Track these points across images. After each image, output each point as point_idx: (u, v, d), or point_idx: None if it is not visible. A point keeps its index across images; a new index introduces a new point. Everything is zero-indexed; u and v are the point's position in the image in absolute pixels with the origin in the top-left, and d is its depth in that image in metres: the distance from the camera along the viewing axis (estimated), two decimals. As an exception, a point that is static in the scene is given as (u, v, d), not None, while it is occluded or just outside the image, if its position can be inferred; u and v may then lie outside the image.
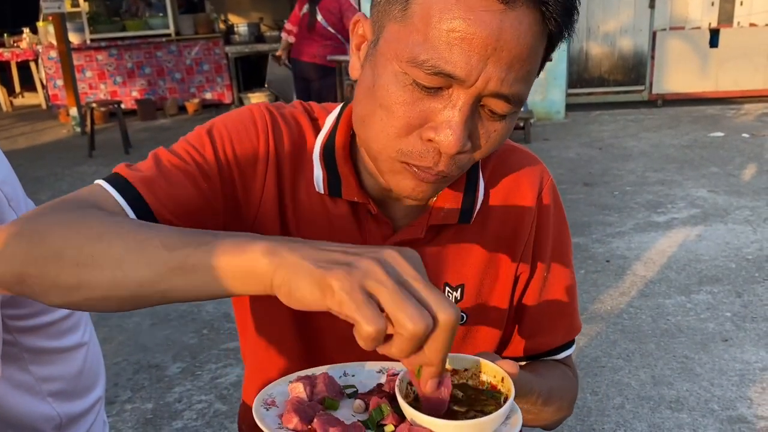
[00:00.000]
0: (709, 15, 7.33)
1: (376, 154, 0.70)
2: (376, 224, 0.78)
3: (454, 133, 0.63)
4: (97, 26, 8.09)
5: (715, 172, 4.92)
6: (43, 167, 5.91)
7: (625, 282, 3.22)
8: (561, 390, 0.84)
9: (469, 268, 0.82)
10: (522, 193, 0.82)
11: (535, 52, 0.63)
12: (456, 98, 0.63)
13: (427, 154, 0.66)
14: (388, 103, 0.65)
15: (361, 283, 0.46)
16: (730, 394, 2.32)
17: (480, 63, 0.61)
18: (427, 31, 0.61)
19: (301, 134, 0.80)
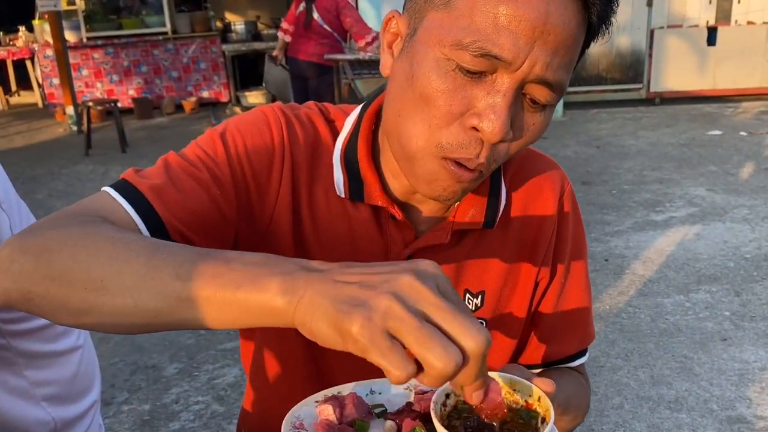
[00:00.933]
0: (707, 13, 7.32)
1: (413, 153, 0.67)
2: (398, 229, 0.76)
3: (499, 118, 0.61)
4: (93, 24, 8.06)
5: (713, 171, 4.91)
6: (40, 166, 5.89)
7: (624, 281, 3.22)
8: (577, 398, 0.84)
9: (490, 274, 0.80)
10: (543, 199, 0.81)
11: (577, 41, 0.63)
12: (500, 83, 0.62)
13: (469, 144, 0.64)
14: (429, 92, 0.63)
15: (382, 326, 0.43)
16: (729, 394, 2.32)
17: (527, 46, 0.60)
18: (473, 15, 0.60)
19: (317, 136, 0.78)
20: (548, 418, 0.55)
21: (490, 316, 0.81)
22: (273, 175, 0.75)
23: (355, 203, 0.76)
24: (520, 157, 0.82)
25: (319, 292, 0.46)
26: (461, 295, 0.79)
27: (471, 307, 0.80)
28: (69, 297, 0.54)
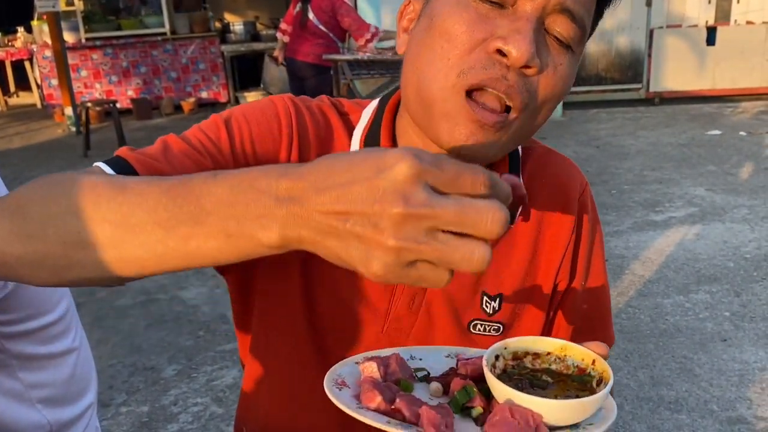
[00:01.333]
0: (706, 13, 7.32)
1: (433, 94, 0.64)
2: None
3: (525, 38, 0.59)
4: (92, 25, 8.05)
5: (712, 171, 4.91)
6: (38, 167, 5.88)
7: (624, 281, 3.21)
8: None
9: (507, 276, 0.78)
10: (564, 200, 0.79)
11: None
12: (522, 11, 0.61)
13: (492, 65, 0.61)
14: (448, 27, 0.62)
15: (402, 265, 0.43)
16: (730, 395, 2.31)
17: None
18: None
19: (328, 128, 0.75)
20: (606, 379, 0.55)
21: (507, 320, 0.78)
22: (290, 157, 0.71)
23: None
24: (537, 154, 0.80)
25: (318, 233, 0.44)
26: (479, 297, 0.77)
27: (489, 310, 0.77)
28: (46, 253, 0.51)
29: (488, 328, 0.77)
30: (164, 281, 3.43)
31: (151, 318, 3.06)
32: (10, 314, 0.97)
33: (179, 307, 3.15)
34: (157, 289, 3.36)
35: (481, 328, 0.77)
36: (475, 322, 0.77)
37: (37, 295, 1.01)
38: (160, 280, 3.45)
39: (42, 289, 1.02)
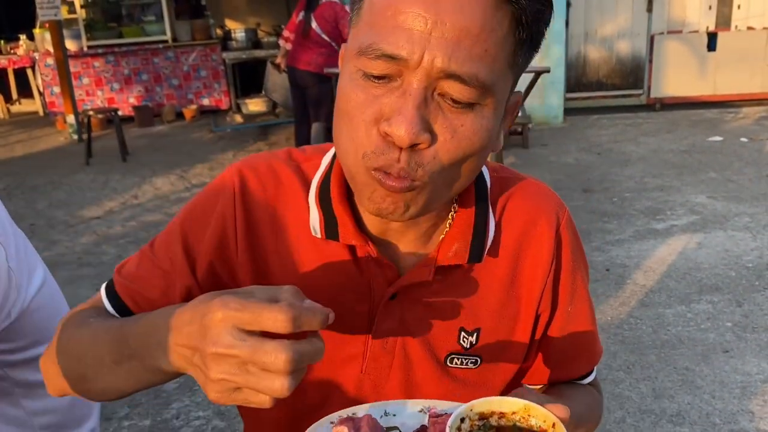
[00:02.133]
0: (707, 19, 7.33)
1: (350, 171, 0.66)
2: (379, 268, 0.74)
3: (406, 120, 0.59)
4: (93, 33, 8.07)
5: (713, 178, 4.91)
6: (41, 176, 5.89)
7: (625, 291, 3.21)
8: (589, 412, 0.84)
9: (484, 310, 0.78)
10: (539, 233, 0.78)
11: (491, 30, 0.59)
12: (407, 85, 0.60)
13: (386, 150, 0.61)
14: (348, 108, 0.63)
15: (227, 394, 0.56)
16: (732, 407, 2.31)
17: (422, 39, 0.58)
18: (371, 20, 0.61)
19: (279, 187, 0.77)
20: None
21: (486, 352, 0.79)
22: (229, 245, 0.76)
23: (331, 242, 0.74)
24: (510, 186, 0.80)
25: (184, 362, 0.60)
26: (456, 333, 0.78)
27: (466, 345, 0.78)
28: (76, 386, 0.75)
29: (465, 361, 0.78)
30: (166, 292, 3.44)
31: (153, 330, 3.06)
32: (14, 343, 0.98)
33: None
34: (159, 300, 3.36)
35: (458, 361, 0.78)
36: (452, 356, 0.78)
37: (40, 322, 1.02)
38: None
39: (45, 316, 1.03)
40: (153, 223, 4.53)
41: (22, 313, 0.98)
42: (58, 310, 1.08)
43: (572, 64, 7.48)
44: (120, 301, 0.78)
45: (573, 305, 0.82)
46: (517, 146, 6.09)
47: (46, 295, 1.04)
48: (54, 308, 1.07)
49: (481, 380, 0.81)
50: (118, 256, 3.97)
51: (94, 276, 3.66)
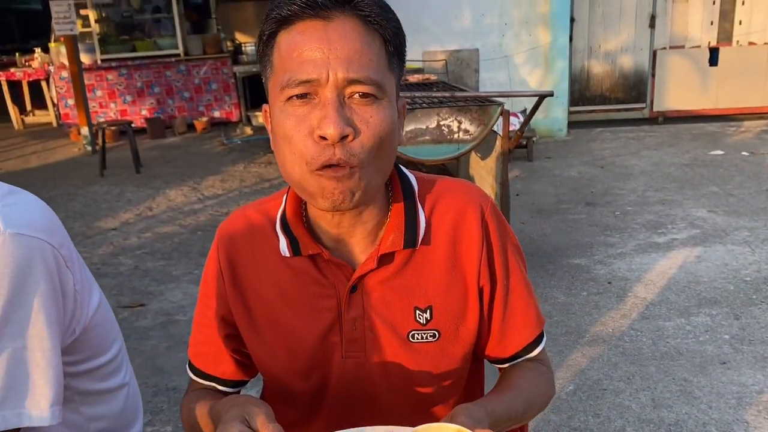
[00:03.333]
0: (709, 34, 7.45)
1: (298, 179, 0.84)
2: (338, 268, 0.92)
3: (332, 121, 0.78)
4: (107, 47, 8.25)
5: (714, 192, 5.01)
6: (56, 187, 6.04)
7: (626, 304, 3.32)
8: (537, 396, 0.98)
9: (432, 290, 0.94)
10: (468, 221, 0.95)
11: (369, 46, 0.81)
12: (323, 97, 0.80)
13: (324, 150, 0.80)
14: (285, 131, 0.82)
15: None
16: (728, 417, 2.41)
17: (324, 63, 0.78)
18: (284, 65, 0.81)
19: (251, 226, 0.99)
20: None
21: (442, 327, 0.94)
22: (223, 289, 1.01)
23: (298, 258, 0.94)
24: (439, 187, 0.98)
25: None
26: (411, 312, 0.94)
27: (422, 321, 0.94)
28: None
29: (425, 335, 0.94)
30: (183, 303, 3.57)
31: (171, 340, 3.18)
32: (76, 356, 1.10)
33: (198, 328, 3.27)
34: (176, 310, 3.49)
35: (419, 336, 0.94)
36: (413, 332, 0.94)
37: (97, 338, 1.14)
38: (179, 302, 3.58)
39: (101, 332, 1.15)
40: (168, 234, 4.67)
41: (84, 329, 1.10)
42: (112, 326, 1.21)
43: (576, 78, 7.61)
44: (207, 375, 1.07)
45: (509, 279, 0.98)
46: (522, 159, 6.21)
47: (101, 312, 1.16)
48: (108, 324, 1.19)
49: (441, 352, 0.95)
50: (134, 267, 4.11)
51: (113, 287, 3.80)
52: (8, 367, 0.91)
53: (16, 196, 1.04)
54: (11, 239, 0.93)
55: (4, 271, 0.91)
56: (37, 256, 0.95)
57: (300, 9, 0.79)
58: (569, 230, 4.38)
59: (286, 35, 0.81)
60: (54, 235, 1.01)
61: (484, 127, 3.12)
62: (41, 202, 1.07)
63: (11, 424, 0.91)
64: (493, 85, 6.98)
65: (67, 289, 1.01)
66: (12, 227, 0.94)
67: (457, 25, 6.94)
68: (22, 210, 0.99)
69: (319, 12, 0.79)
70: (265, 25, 0.84)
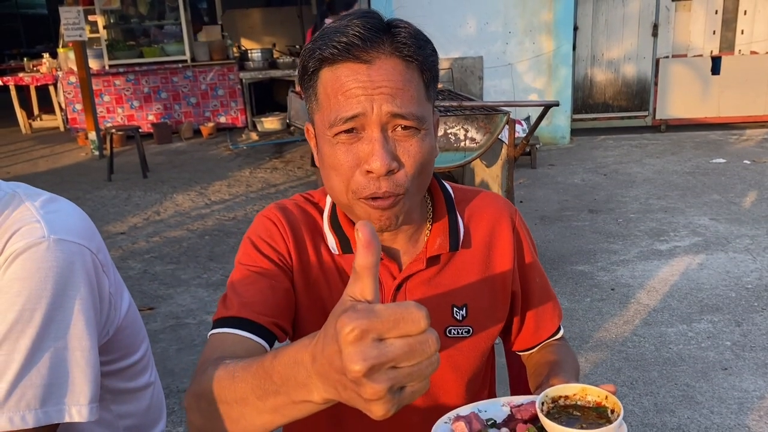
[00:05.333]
0: (711, 43, 7.51)
1: (345, 205, 0.92)
2: (384, 267, 0.99)
3: (379, 157, 0.85)
4: (115, 52, 8.33)
5: (716, 200, 5.06)
6: (64, 191, 6.09)
7: (629, 310, 3.37)
8: (576, 363, 1.10)
9: (468, 290, 1.03)
10: (501, 229, 1.06)
11: (410, 80, 0.87)
12: (370, 132, 0.86)
13: (369, 183, 0.87)
14: (333, 162, 0.89)
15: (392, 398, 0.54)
16: (729, 422, 2.46)
17: (368, 99, 0.84)
18: (330, 102, 0.87)
19: (307, 216, 1.05)
20: (617, 410, 0.80)
21: (475, 324, 1.04)
22: (290, 250, 1.02)
23: (346, 256, 1.00)
24: (471, 198, 1.08)
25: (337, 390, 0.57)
26: (449, 309, 1.02)
27: (458, 317, 1.03)
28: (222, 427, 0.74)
29: (460, 331, 1.03)
30: (192, 306, 3.62)
31: (181, 342, 3.24)
32: (109, 356, 1.15)
33: (208, 331, 3.32)
34: (185, 313, 3.54)
35: (455, 332, 1.03)
36: (449, 327, 1.02)
37: (127, 338, 1.19)
38: (188, 305, 3.64)
39: (130, 333, 1.20)
40: (176, 239, 4.73)
41: (116, 330, 1.15)
42: (140, 327, 1.27)
43: (579, 85, 7.67)
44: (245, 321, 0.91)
45: (540, 279, 1.11)
46: (525, 166, 6.27)
47: (131, 314, 1.22)
48: (137, 326, 1.25)
49: (473, 346, 1.05)
50: (144, 270, 4.16)
51: (123, 290, 3.85)
52: (51, 366, 0.96)
53: (56, 203, 1.10)
54: (55, 245, 0.98)
55: (48, 274, 0.97)
56: (77, 261, 1.00)
57: (341, 52, 0.85)
58: (572, 237, 4.43)
59: (331, 73, 0.87)
60: (92, 241, 1.07)
61: (490, 135, 3.18)
62: (79, 209, 1.13)
63: (53, 420, 0.96)
64: (497, 93, 7.04)
65: (104, 292, 1.07)
66: (55, 233, 0.99)
67: (461, 33, 7.01)
68: (63, 217, 1.05)
69: (360, 56, 0.85)
70: (309, 60, 0.89)
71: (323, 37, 0.88)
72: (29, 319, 0.94)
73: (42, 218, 1.00)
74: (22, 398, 0.93)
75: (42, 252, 0.96)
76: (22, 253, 0.96)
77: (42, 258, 0.96)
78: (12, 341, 0.93)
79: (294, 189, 5.93)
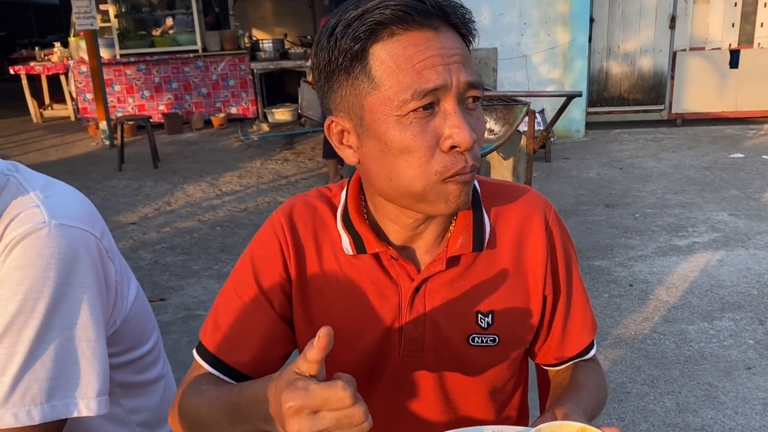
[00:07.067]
0: (730, 36, 7.37)
1: (421, 192, 0.81)
2: (401, 268, 0.91)
3: (464, 129, 0.77)
4: (126, 42, 8.30)
5: (735, 195, 4.96)
6: (76, 181, 6.07)
7: (648, 307, 3.29)
8: (603, 394, 0.99)
9: (495, 295, 0.92)
10: (532, 228, 0.94)
11: (465, 48, 0.82)
12: (448, 105, 0.78)
13: (456, 159, 0.79)
14: (406, 145, 0.78)
15: None
16: (754, 423, 2.38)
17: (446, 70, 0.77)
18: (400, 78, 0.77)
19: (316, 217, 0.96)
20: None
21: (502, 332, 0.94)
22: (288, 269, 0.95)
23: (361, 256, 0.91)
24: (500, 193, 0.97)
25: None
26: (473, 315, 0.92)
27: (483, 325, 0.93)
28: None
29: (485, 339, 0.93)
30: (203, 297, 3.58)
31: (192, 335, 3.19)
32: (116, 347, 1.10)
33: (219, 323, 3.28)
34: (196, 305, 3.50)
35: (480, 340, 0.93)
36: (473, 336, 0.93)
37: (136, 328, 1.14)
38: (200, 297, 3.60)
39: (139, 323, 1.15)
40: (187, 230, 4.69)
41: (123, 320, 1.10)
42: (149, 317, 1.21)
43: (594, 78, 7.56)
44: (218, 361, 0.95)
45: (572, 286, 0.98)
46: (540, 159, 6.18)
47: (139, 304, 1.17)
48: (145, 316, 1.19)
49: (500, 356, 0.95)
50: (154, 261, 4.13)
51: (133, 280, 3.81)
52: (57, 358, 0.91)
53: (54, 187, 1.04)
54: (56, 230, 0.93)
55: (51, 261, 0.91)
56: (81, 247, 0.95)
57: (401, 19, 0.76)
58: (589, 232, 4.35)
59: (393, 44, 0.77)
60: (95, 226, 1.01)
61: (509, 126, 3.11)
62: (79, 192, 1.08)
63: (60, 414, 0.91)
64: (511, 85, 6.95)
65: (110, 279, 1.01)
66: (56, 218, 0.94)
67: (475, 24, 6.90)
68: (63, 201, 0.99)
69: (424, 23, 0.78)
70: (350, 38, 0.77)
71: (365, 11, 0.77)
72: (32, 309, 0.88)
73: (42, 203, 0.95)
74: (27, 393, 0.88)
75: (43, 238, 0.91)
76: (21, 240, 0.90)
77: (43, 244, 0.90)
78: (15, 333, 0.88)
79: (305, 181, 5.87)
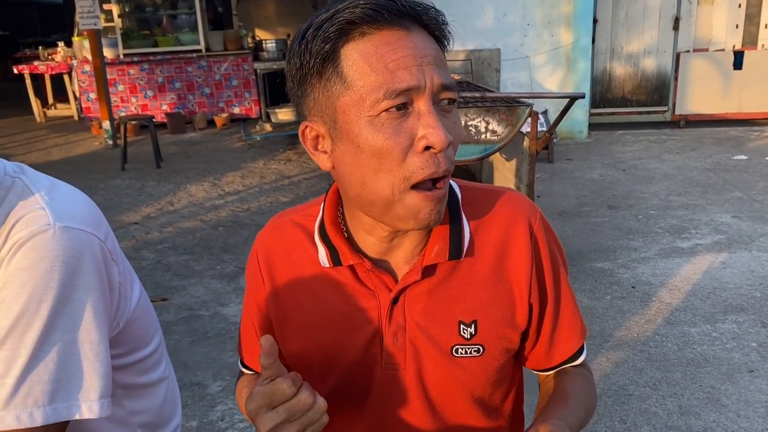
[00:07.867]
0: (734, 37, 7.36)
1: (389, 200, 0.78)
2: (379, 279, 0.89)
3: (439, 129, 0.75)
4: (129, 41, 8.31)
5: (738, 197, 4.95)
6: (78, 180, 6.08)
7: (651, 309, 3.28)
8: (592, 402, 0.97)
9: (477, 304, 0.89)
10: (516, 234, 0.91)
11: (441, 53, 0.80)
12: (422, 105, 0.76)
13: (428, 161, 0.76)
14: (379, 146, 0.76)
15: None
16: (757, 426, 2.38)
17: (419, 70, 0.75)
18: (372, 77, 0.75)
19: (289, 235, 0.97)
20: None
21: (487, 342, 0.91)
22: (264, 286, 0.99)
23: (338, 268, 0.90)
24: (482, 198, 0.93)
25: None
26: (455, 325, 0.90)
27: (466, 335, 0.90)
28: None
29: (469, 350, 0.90)
30: (205, 297, 3.59)
31: (194, 334, 3.20)
32: (119, 349, 1.10)
33: (221, 323, 3.29)
34: (199, 305, 3.51)
35: (463, 351, 0.90)
36: (456, 347, 0.90)
37: (138, 330, 1.14)
38: (202, 297, 3.60)
39: (142, 324, 1.15)
40: (189, 230, 4.69)
41: (126, 322, 1.10)
42: (152, 318, 1.21)
43: (598, 79, 7.55)
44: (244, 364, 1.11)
45: (559, 292, 0.95)
46: (542, 161, 6.17)
47: (142, 306, 1.17)
48: (148, 317, 1.19)
49: (485, 366, 0.92)
50: (157, 261, 4.13)
51: (136, 280, 3.82)
52: (59, 360, 0.91)
53: (59, 189, 1.04)
54: (61, 232, 0.93)
55: (55, 264, 0.91)
56: (86, 249, 0.95)
57: (372, 18, 0.75)
58: (591, 233, 4.35)
59: (363, 44, 0.75)
60: (99, 228, 1.01)
61: (512, 128, 3.10)
62: (84, 194, 1.08)
63: (63, 416, 0.91)
64: (514, 86, 6.94)
65: (113, 281, 1.02)
66: (61, 220, 0.94)
67: (478, 24, 6.91)
68: (68, 203, 0.99)
69: (396, 22, 0.76)
70: (320, 40, 0.76)
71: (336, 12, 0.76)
72: (36, 311, 0.88)
73: (47, 205, 0.95)
74: (30, 395, 0.88)
75: (47, 240, 0.91)
76: (26, 242, 0.90)
77: (48, 247, 0.90)
78: (18, 335, 0.88)
79: (308, 181, 5.88)
